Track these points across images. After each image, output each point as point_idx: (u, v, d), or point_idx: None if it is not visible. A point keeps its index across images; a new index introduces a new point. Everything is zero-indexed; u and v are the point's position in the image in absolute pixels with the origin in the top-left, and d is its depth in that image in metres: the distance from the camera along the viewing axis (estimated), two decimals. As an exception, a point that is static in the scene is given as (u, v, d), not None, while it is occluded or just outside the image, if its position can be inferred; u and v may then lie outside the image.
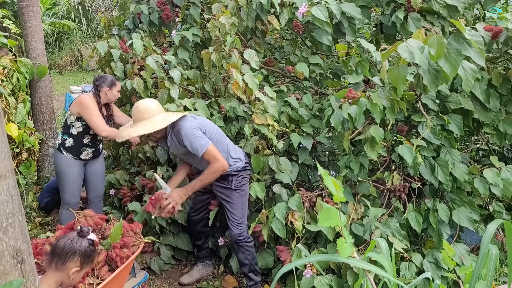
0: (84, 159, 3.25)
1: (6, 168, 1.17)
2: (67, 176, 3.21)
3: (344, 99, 2.55)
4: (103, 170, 3.46)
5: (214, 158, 2.70)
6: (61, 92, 8.65)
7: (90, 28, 12.60)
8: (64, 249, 1.71)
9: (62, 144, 3.18)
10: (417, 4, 2.93)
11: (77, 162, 3.22)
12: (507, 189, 2.54)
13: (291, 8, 3.33)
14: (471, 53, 2.18)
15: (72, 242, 1.74)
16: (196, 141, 2.67)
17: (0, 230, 1.14)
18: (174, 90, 3.18)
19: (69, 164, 3.18)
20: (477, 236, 3.02)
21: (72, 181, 3.22)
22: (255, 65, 3.16)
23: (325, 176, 1.20)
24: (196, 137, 2.68)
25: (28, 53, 4.24)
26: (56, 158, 3.23)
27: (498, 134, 2.76)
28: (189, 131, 2.69)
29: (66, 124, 3.21)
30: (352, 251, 1.21)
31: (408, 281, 2.33)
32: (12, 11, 8.75)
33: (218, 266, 3.31)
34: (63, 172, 3.21)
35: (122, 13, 4.10)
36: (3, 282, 1.15)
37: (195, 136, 2.69)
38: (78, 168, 3.24)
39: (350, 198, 2.73)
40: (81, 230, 1.80)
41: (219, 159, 2.71)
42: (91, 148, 3.25)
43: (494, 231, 1.26)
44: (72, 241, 1.74)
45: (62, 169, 3.21)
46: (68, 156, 3.17)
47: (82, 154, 3.22)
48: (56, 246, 1.72)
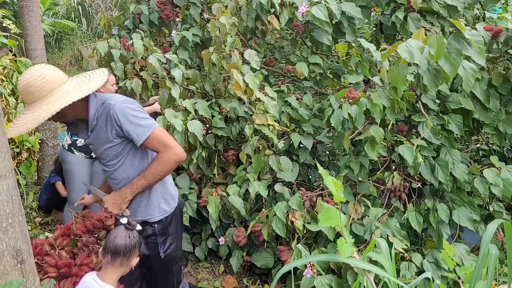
0: (94, 157, 3.31)
1: (6, 168, 1.17)
2: (77, 176, 3.28)
3: (344, 99, 2.55)
4: None
5: (165, 145, 1.91)
6: (61, 92, 8.62)
7: (90, 28, 12.59)
8: (127, 247, 1.81)
9: (73, 144, 3.24)
10: (417, 4, 2.93)
11: (87, 161, 3.31)
12: (507, 189, 2.54)
13: (291, 8, 3.33)
14: (471, 53, 2.18)
15: (130, 238, 1.83)
16: (137, 120, 1.87)
17: (0, 230, 1.14)
18: (175, 89, 3.18)
19: (79, 164, 3.27)
20: (477, 236, 3.02)
21: (82, 180, 3.28)
22: (255, 65, 3.16)
23: (325, 176, 1.20)
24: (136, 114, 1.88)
25: (28, 53, 4.24)
26: (66, 158, 3.29)
27: (498, 134, 2.76)
28: (125, 105, 1.88)
29: None
30: (353, 251, 1.21)
31: (408, 281, 2.33)
32: (12, 11, 8.75)
33: (218, 266, 3.31)
34: (74, 172, 3.28)
35: (122, 13, 4.10)
36: (3, 282, 1.15)
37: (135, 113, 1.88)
38: (88, 168, 3.33)
39: (351, 198, 2.73)
40: (130, 224, 1.87)
41: (173, 146, 1.92)
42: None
43: (494, 231, 1.26)
44: (129, 237, 1.83)
45: (73, 169, 3.29)
46: (80, 156, 3.26)
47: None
48: (118, 246, 1.80)
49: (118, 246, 1.81)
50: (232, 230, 3.15)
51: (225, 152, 3.31)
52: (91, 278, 1.83)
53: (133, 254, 1.85)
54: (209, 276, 3.23)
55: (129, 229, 1.86)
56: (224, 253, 3.24)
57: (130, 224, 1.88)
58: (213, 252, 3.39)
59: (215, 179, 3.32)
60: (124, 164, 1.99)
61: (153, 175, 1.95)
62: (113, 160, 1.99)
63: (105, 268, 1.84)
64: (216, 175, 3.32)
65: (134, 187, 1.97)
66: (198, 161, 3.17)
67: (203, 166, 3.24)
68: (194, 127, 2.98)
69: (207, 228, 3.36)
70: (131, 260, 1.85)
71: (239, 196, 3.00)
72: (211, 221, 3.04)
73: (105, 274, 1.82)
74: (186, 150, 3.20)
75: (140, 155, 2.00)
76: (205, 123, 3.18)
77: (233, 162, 3.34)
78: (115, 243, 1.81)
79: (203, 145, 3.19)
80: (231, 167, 3.34)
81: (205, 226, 3.38)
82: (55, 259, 2.26)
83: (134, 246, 1.84)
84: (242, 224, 3.22)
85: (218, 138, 3.25)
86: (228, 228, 3.25)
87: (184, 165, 3.22)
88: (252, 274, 3.23)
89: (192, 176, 3.29)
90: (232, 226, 3.26)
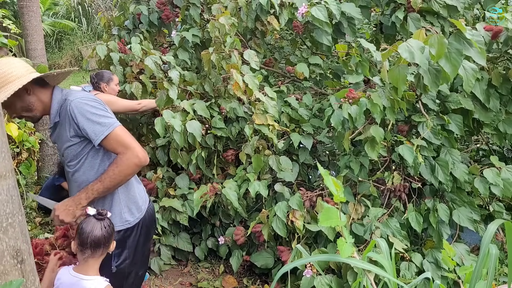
0: None
1: (6, 168, 1.17)
2: None
3: (344, 99, 2.55)
4: None
5: (125, 146, 1.76)
6: (61, 92, 8.64)
7: (90, 28, 12.60)
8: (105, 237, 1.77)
9: None
10: (417, 4, 2.93)
11: None
12: (507, 189, 2.54)
13: (291, 9, 3.33)
14: (471, 53, 2.18)
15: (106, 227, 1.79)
16: (95, 117, 1.74)
17: (0, 230, 1.14)
18: (172, 90, 3.19)
19: None
20: (477, 236, 3.02)
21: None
22: (255, 65, 3.16)
23: (325, 176, 1.20)
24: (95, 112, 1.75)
25: (28, 53, 4.24)
26: None
27: (498, 134, 2.76)
28: (83, 101, 1.76)
29: None
30: (353, 251, 1.21)
31: (408, 281, 2.33)
32: (12, 11, 8.75)
33: (218, 266, 3.31)
34: None
35: (122, 13, 4.10)
36: (3, 282, 1.15)
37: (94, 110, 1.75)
38: None
39: (351, 198, 2.73)
40: (100, 214, 1.81)
41: (134, 147, 1.77)
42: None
43: (494, 231, 1.26)
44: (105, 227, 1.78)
45: None
46: None
47: None
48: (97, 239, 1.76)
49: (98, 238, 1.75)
50: (232, 230, 3.15)
51: (225, 152, 3.31)
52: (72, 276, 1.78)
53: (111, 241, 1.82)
54: (209, 276, 3.23)
55: (101, 219, 1.79)
56: (224, 253, 3.24)
57: (101, 214, 1.80)
58: (213, 252, 3.39)
59: (214, 179, 3.32)
60: (84, 165, 1.85)
61: (110, 179, 1.77)
62: (73, 160, 1.85)
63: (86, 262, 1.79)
64: (215, 175, 3.32)
65: (90, 191, 1.79)
66: (198, 161, 3.17)
67: (203, 166, 3.24)
68: (193, 127, 2.99)
69: (207, 228, 3.36)
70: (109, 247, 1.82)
71: (236, 191, 2.99)
72: (195, 205, 3.01)
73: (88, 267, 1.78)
74: (186, 150, 3.20)
75: (102, 157, 1.84)
76: (204, 123, 3.18)
77: (232, 162, 3.34)
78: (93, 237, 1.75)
79: (203, 145, 3.19)
80: (231, 167, 3.34)
81: (205, 226, 3.38)
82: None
83: (111, 234, 1.80)
84: (241, 224, 3.22)
85: (217, 138, 3.25)
86: (228, 228, 3.25)
87: (183, 165, 3.22)
88: (252, 274, 3.23)
89: (192, 176, 3.29)
90: (232, 225, 3.26)
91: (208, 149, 3.27)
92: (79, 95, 1.80)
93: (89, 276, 1.77)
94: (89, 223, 1.79)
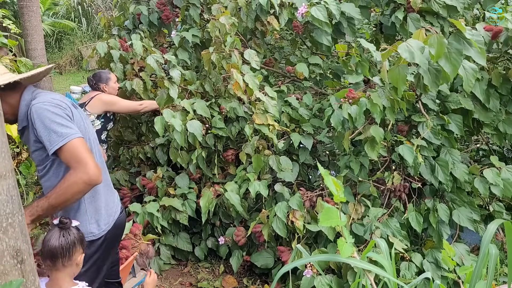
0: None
1: (6, 168, 1.17)
2: None
3: (344, 99, 2.55)
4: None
5: (78, 161, 1.62)
6: (61, 92, 8.65)
7: (90, 28, 12.60)
8: (63, 247, 1.66)
9: None
10: (416, 5, 2.93)
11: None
12: (507, 189, 2.54)
13: (291, 9, 3.33)
14: (471, 53, 2.18)
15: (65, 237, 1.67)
16: (54, 125, 1.62)
17: (0, 230, 1.14)
18: (173, 89, 3.19)
19: None
20: (477, 236, 3.02)
21: None
22: (255, 65, 3.16)
23: (325, 176, 1.20)
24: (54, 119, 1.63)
25: (28, 53, 4.24)
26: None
27: (498, 134, 2.76)
28: (44, 106, 1.64)
29: None
30: (353, 251, 1.21)
31: (408, 281, 2.33)
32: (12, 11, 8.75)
33: (218, 266, 3.31)
34: None
35: (122, 13, 4.10)
36: (3, 282, 1.15)
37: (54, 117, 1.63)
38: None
39: (351, 198, 2.73)
40: (62, 222, 1.70)
41: (86, 164, 1.62)
42: (106, 144, 3.38)
43: (494, 231, 1.26)
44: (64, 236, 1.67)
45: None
46: None
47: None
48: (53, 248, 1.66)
49: (53, 248, 1.65)
50: (232, 230, 3.15)
51: (225, 152, 3.31)
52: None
53: (75, 252, 1.69)
54: (209, 276, 3.23)
55: (64, 228, 1.68)
56: (224, 253, 3.24)
57: (63, 223, 1.69)
58: (213, 252, 3.39)
59: (214, 179, 3.32)
60: (49, 172, 1.75)
61: (56, 196, 1.63)
62: (40, 165, 1.77)
63: (51, 274, 1.70)
64: (215, 175, 3.32)
65: (34, 208, 1.65)
66: (198, 161, 3.17)
67: (203, 166, 3.24)
68: (193, 127, 2.99)
69: (207, 228, 3.36)
70: (74, 259, 1.69)
71: (238, 194, 3.00)
72: (202, 214, 3.03)
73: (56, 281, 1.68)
74: (186, 149, 3.20)
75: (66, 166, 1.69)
76: (204, 123, 3.18)
77: (232, 162, 3.34)
78: (49, 246, 1.65)
79: (203, 145, 3.20)
80: (231, 167, 3.35)
81: (205, 226, 3.38)
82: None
83: (73, 244, 1.67)
84: (242, 224, 3.22)
85: (217, 138, 3.25)
86: (228, 228, 3.25)
87: (183, 165, 3.22)
88: (252, 274, 3.23)
89: (192, 176, 3.29)
90: (232, 226, 3.26)
91: (208, 149, 3.27)
92: (44, 98, 1.67)
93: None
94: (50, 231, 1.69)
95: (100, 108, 3.20)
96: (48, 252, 1.66)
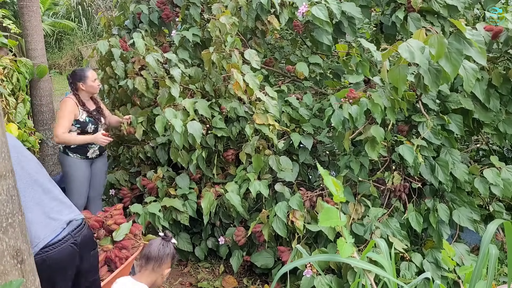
0: (91, 157, 3.29)
1: (6, 168, 1.17)
2: (75, 178, 3.25)
3: (344, 99, 2.54)
4: (106, 168, 3.51)
5: None
6: (61, 92, 8.65)
7: (90, 28, 12.60)
8: (159, 254, 2.04)
9: (68, 147, 3.20)
10: (417, 4, 2.93)
11: (84, 162, 3.27)
12: (507, 189, 2.54)
13: (291, 8, 3.32)
14: (472, 53, 2.18)
15: (164, 247, 2.07)
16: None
17: (0, 230, 1.14)
18: (174, 88, 3.18)
19: (76, 165, 3.23)
20: (477, 236, 3.02)
21: (80, 182, 3.26)
22: (256, 65, 3.16)
23: (325, 176, 1.20)
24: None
25: (28, 53, 4.24)
26: (63, 161, 3.27)
27: (498, 134, 2.76)
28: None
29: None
30: (353, 251, 1.21)
31: (408, 281, 2.33)
32: (12, 11, 8.75)
33: (218, 266, 3.31)
34: (71, 174, 3.25)
35: (122, 13, 4.09)
36: (3, 282, 1.15)
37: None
38: (86, 169, 3.29)
39: (351, 198, 2.73)
40: (166, 235, 2.13)
41: None
42: (96, 145, 3.29)
43: (494, 231, 1.26)
44: (163, 246, 2.07)
45: (70, 171, 3.26)
46: (75, 157, 3.22)
47: (89, 152, 3.27)
48: (150, 251, 2.05)
49: (151, 252, 2.05)
50: (232, 230, 3.15)
51: (225, 152, 3.31)
52: (126, 280, 2.03)
53: (165, 263, 2.06)
54: (209, 276, 3.24)
55: (165, 239, 2.12)
56: (224, 253, 3.24)
57: (166, 235, 2.14)
58: (213, 252, 3.39)
59: (214, 179, 3.32)
60: None
61: None
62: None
63: (139, 271, 2.07)
64: (215, 175, 3.32)
65: None
66: (198, 161, 3.16)
67: (203, 166, 3.24)
68: (194, 128, 2.98)
69: (207, 228, 3.36)
70: (162, 268, 2.06)
71: (238, 194, 3.00)
72: (204, 215, 3.03)
73: (140, 277, 2.04)
74: (186, 149, 3.20)
75: None
76: (205, 123, 3.18)
77: (232, 162, 3.34)
78: (149, 250, 2.06)
79: (203, 145, 3.19)
80: (231, 167, 3.34)
81: (205, 226, 3.38)
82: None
83: (167, 255, 2.07)
84: (242, 224, 3.21)
85: (218, 138, 3.25)
86: (228, 228, 3.25)
87: (184, 165, 3.22)
88: (252, 274, 3.23)
89: (192, 176, 3.29)
90: (232, 226, 3.26)
91: (209, 149, 3.27)
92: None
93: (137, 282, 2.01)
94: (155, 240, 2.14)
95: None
96: (146, 254, 2.06)
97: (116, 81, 3.61)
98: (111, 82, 3.66)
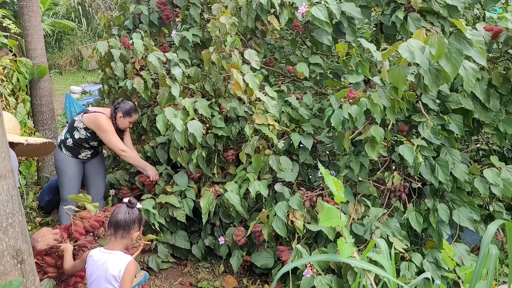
0: (82, 159, 3.31)
1: (6, 168, 1.17)
2: (65, 173, 3.30)
3: (344, 99, 2.54)
4: (103, 168, 3.52)
5: None
6: (61, 92, 8.65)
7: (90, 28, 12.60)
8: (126, 221, 2.09)
9: (64, 142, 3.26)
10: (417, 4, 2.93)
11: (75, 161, 3.32)
12: (507, 189, 2.54)
13: (291, 8, 3.32)
14: (472, 53, 2.18)
15: (130, 214, 2.11)
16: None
17: (0, 230, 1.14)
18: (175, 88, 3.19)
19: (66, 161, 3.28)
20: (477, 236, 3.02)
21: (70, 178, 3.29)
22: (255, 65, 3.16)
23: (326, 176, 1.20)
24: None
25: (28, 53, 4.24)
26: (55, 155, 3.33)
27: (498, 134, 2.76)
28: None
29: (72, 125, 3.26)
30: (353, 251, 1.21)
31: (408, 281, 2.33)
32: (12, 11, 8.75)
33: (218, 266, 3.30)
34: (61, 169, 3.31)
35: (122, 13, 4.10)
36: (3, 282, 1.15)
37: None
38: (76, 166, 3.33)
39: (351, 198, 2.73)
40: (130, 202, 2.16)
41: None
42: (90, 151, 3.34)
43: (494, 231, 1.26)
44: (129, 213, 2.11)
45: (60, 166, 3.32)
46: (66, 154, 3.27)
47: (80, 155, 3.33)
48: (118, 220, 2.09)
49: (119, 220, 2.09)
50: (232, 230, 3.15)
51: (225, 151, 3.31)
52: (98, 251, 2.07)
53: (133, 228, 2.12)
54: (209, 276, 3.23)
55: (130, 206, 2.15)
56: (224, 253, 3.24)
57: (131, 203, 2.16)
58: (212, 251, 3.39)
59: (214, 178, 3.32)
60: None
61: None
62: None
63: (110, 240, 2.12)
64: (215, 175, 3.32)
65: None
66: (198, 160, 3.17)
67: (203, 165, 3.24)
68: (194, 127, 2.98)
69: (206, 227, 3.35)
70: (131, 234, 2.12)
71: (238, 194, 3.00)
72: (202, 215, 3.02)
73: (112, 246, 2.09)
74: (186, 149, 3.20)
75: None
76: (205, 122, 3.18)
77: (232, 161, 3.34)
78: (116, 218, 2.10)
79: (203, 145, 3.19)
80: (231, 166, 3.34)
81: (205, 225, 3.37)
82: (55, 259, 2.26)
83: (133, 221, 2.11)
84: (242, 224, 3.21)
85: (218, 137, 3.25)
86: (228, 228, 3.25)
87: (183, 164, 3.22)
88: (252, 274, 3.23)
89: (191, 175, 3.29)
90: (232, 225, 3.26)
91: (208, 149, 3.27)
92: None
93: (111, 251, 2.07)
94: (120, 207, 2.16)
95: (92, 126, 3.20)
96: (113, 223, 2.10)
97: (115, 82, 3.62)
98: (111, 83, 3.66)
